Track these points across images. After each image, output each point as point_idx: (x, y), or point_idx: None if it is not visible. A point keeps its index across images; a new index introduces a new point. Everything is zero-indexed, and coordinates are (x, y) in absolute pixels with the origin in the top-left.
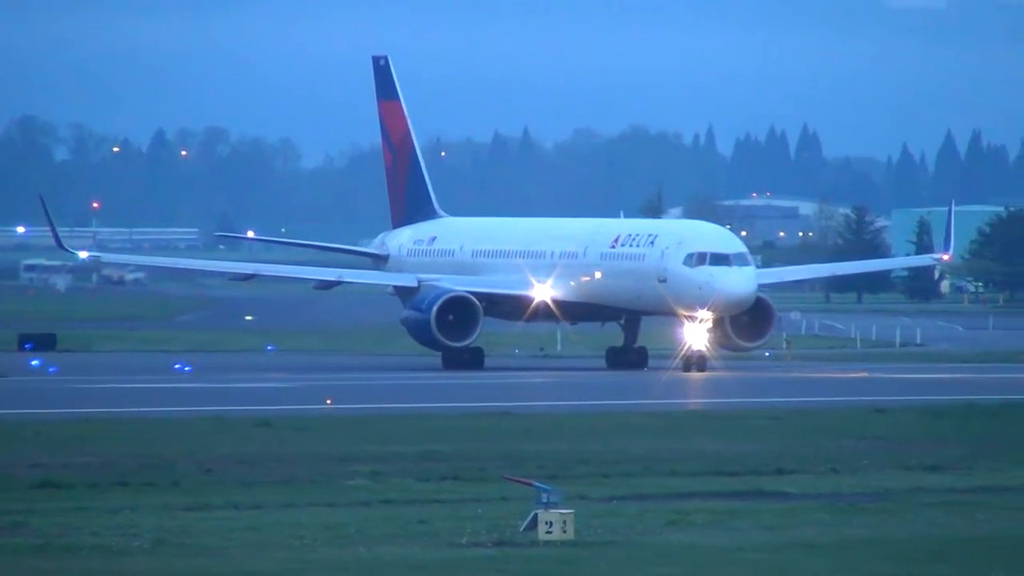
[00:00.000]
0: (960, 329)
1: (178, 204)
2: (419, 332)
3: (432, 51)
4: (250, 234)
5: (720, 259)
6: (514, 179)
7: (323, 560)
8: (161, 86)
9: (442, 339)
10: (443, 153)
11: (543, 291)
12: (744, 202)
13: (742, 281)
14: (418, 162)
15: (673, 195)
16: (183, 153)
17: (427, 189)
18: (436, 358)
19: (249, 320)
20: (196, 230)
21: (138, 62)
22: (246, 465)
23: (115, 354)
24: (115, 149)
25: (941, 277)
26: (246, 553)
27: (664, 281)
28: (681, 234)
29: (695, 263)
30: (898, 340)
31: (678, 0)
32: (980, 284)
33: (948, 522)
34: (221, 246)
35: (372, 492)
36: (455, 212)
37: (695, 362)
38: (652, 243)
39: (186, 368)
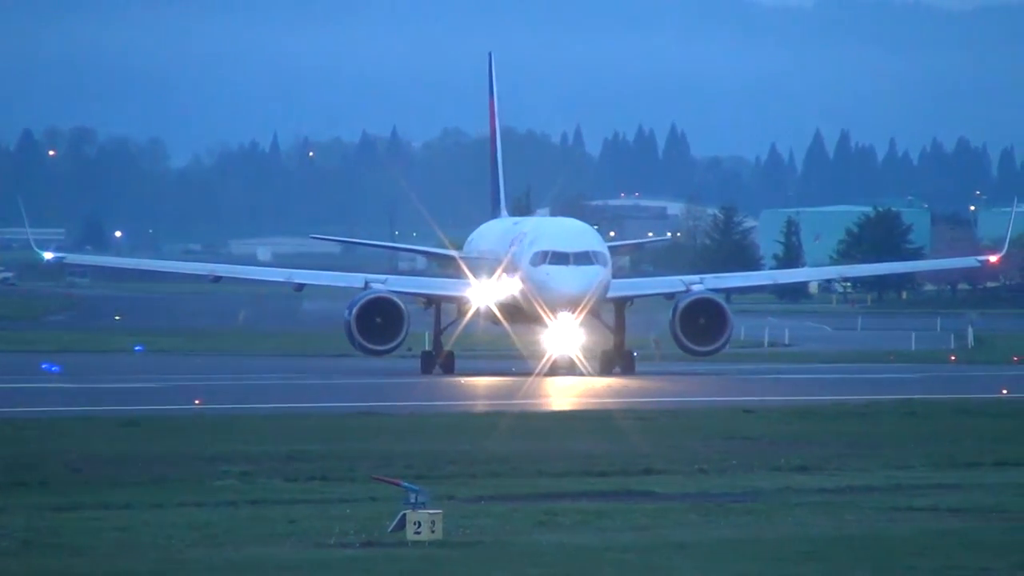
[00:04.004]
0: (829, 329)
1: (46, 204)
2: (347, 335)
3: (299, 49)
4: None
5: (560, 258)
6: (382, 179)
7: (192, 560)
8: (29, 86)
9: (363, 342)
10: (311, 153)
11: (477, 292)
12: (613, 202)
13: (575, 281)
14: (498, 160)
15: (542, 195)
16: (51, 153)
17: (499, 187)
18: (416, 362)
19: (118, 320)
20: (62, 230)
21: (5, 61)
22: (115, 465)
23: None
24: None
25: None
26: (116, 553)
27: (522, 281)
28: (538, 232)
29: (538, 262)
30: (766, 340)
31: (544, 1)
32: (848, 284)
33: (817, 522)
34: (88, 246)
35: (240, 492)
36: (324, 217)
37: (563, 365)
38: (521, 241)
39: (54, 368)
